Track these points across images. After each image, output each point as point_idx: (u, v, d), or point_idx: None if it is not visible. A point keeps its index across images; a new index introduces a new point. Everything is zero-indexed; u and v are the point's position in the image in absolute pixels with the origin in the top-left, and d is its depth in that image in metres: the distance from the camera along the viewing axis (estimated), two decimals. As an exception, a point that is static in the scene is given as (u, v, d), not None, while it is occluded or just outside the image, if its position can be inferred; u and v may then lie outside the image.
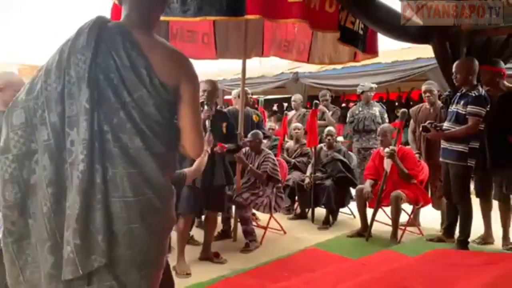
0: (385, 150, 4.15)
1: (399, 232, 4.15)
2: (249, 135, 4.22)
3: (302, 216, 5.05)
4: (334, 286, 2.69)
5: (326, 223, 4.70)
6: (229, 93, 8.74)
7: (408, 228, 4.32)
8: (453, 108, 3.59)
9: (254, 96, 9.71)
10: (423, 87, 4.61)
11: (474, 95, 3.44)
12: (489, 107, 3.46)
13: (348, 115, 5.77)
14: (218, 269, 3.34)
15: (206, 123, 3.15)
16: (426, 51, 5.61)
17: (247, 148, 4.22)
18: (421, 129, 3.89)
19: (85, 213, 1.28)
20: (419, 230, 4.39)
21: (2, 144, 1.33)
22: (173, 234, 3.39)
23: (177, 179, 2.25)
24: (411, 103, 8.51)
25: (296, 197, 5.07)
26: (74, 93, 1.31)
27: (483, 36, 3.71)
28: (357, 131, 5.53)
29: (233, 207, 4.17)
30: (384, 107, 5.77)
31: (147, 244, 1.36)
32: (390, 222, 4.18)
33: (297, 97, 6.40)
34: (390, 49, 7.17)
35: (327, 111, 6.02)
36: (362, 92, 5.59)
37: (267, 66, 10.49)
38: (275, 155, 4.72)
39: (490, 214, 3.99)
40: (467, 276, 2.69)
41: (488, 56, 3.74)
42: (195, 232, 4.07)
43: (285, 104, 12.24)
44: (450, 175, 3.62)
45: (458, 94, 3.59)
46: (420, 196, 4.20)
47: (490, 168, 3.77)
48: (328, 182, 4.66)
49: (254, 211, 4.44)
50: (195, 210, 3.48)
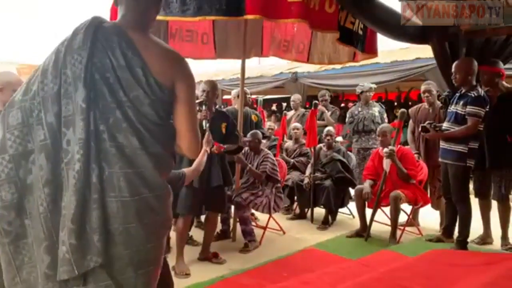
0: (384, 150, 4.14)
1: (398, 232, 4.15)
2: (248, 135, 4.22)
3: (301, 216, 5.05)
4: (333, 286, 2.69)
5: (325, 223, 4.70)
6: (228, 93, 8.75)
7: (407, 228, 4.32)
8: (452, 109, 3.59)
9: (253, 96, 9.72)
10: (422, 87, 4.61)
11: (474, 96, 3.44)
12: (488, 108, 3.47)
13: (348, 115, 5.76)
14: (217, 269, 3.34)
15: (203, 123, 3.14)
16: (425, 51, 5.61)
17: (246, 148, 4.21)
18: (420, 129, 3.89)
19: (81, 213, 1.27)
20: (418, 230, 4.39)
21: None
22: (172, 234, 3.39)
23: (177, 179, 2.24)
24: (410, 103, 8.53)
25: (295, 197, 5.07)
26: (71, 93, 1.31)
27: (482, 37, 3.71)
28: (357, 131, 5.52)
29: (232, 207, 4.16)
30: (384, 107, 5.76)
31: (144, 244, 1.36)
32: (389, 222, 4.18)
33: (296, 97, 6.40)
34: (389, 49, 7.17)
35: (326, 111, 6.02)
36: (361, 92, 5.58)
37: (266, 66, 10.50)
38: (274, 155, 4.72)
39: (489, 214, 3.99)
40: (466, 276, 2.70)
41: (487, 57, 3.75)
42: (194, 232, 4.07)
43: (284, 104, 12.25)
44: (449, 175, 3.62)
45: (457, 95, 3.59)
46: (419, 196, 4.20)
47: (489, 168, 3.77)
48: (327, 182, 4.65)
49: (253, 211, 4.44)
50: (194, 210, 3.48)
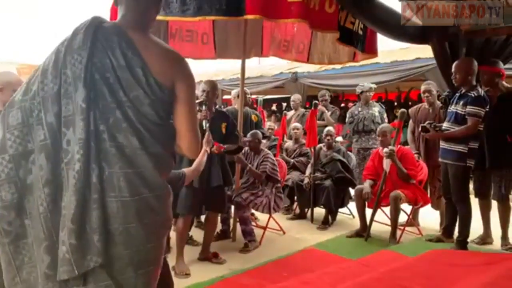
0: (384, 150, 4.14)
1: (398, 232, 4.15)
2: (248, 135, 4.22)
3: (301, 216, 5.05)
4: (333, 286, 2.69)
5: (325, 223, 4.70)
6: (228, 93, 8.74)
7: (407, 228, 4.32)
8: (452, 109, 3.59)
9: (253, 96, 9.72)
10: (422, 87, 4.61)
11: (474, 96, 3.44)
12: (488, 108, 3.47)
13: (348, 116, 5.75)
14: (217, 269, 3.34)
15: (203, 123, 3.13)
16: (425, 51, 5.61)
17: (246, 148, 4.21)
18: (420, 129, 3.89)
19: (81, 213, 1.27)
20: (418, 230, 4.39)
21: None
22: (172, 234, 3.39)
23: (177, 179, 2.24)
24: (410, 103, 8.53)
25: (295, 197, 5.07)
26: (71, 93, 1.31)
27: (482, 37, 3.71)
28: (357, 132, 5.51)
29: (232, 207, 4.16)
30: (384, 107, 5.76)
31: (144, 244, 1.36)
32: (389, 222, 4.18)
33: (296, 97, 6.40)
34: (389, 49, 7.17)
35: (326, 111, 6.02)
36: (361, 92, 5.58)
37: (266, 66, 10.50)
38: (274, 155, 4.72)
39: (489, 214, 3.99)
40: (466, 276, 2.69)
41: (487, 57, 3.75)
42: (194, 232, 4.07)
43: (284, 104, 12.26)
44: (449, 175, 3.62)
45: (457, 95, 3.59)
46: (419, 196, 4.20)
47: (489, 168, 3.77)
48: (327, 182, 4.65)
49: (253, 211, 4.44)
50: (194, 210, 3.48)
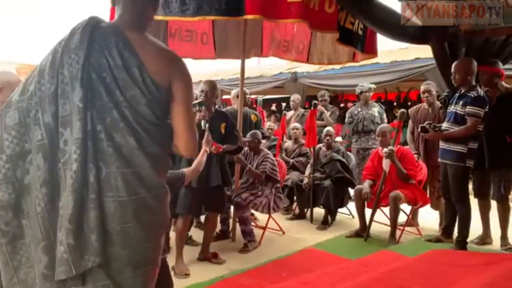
0: (384, 150, 4.14)
1: (398, 233, 4.15)
2: (248, 135, 4.22)
3: (301, 216, 5.05)
4: (333, 287, 2.69)
5: (325, 223, 4.70)
6: (228, 93, 8.75)
7: (407, 229, 4.32)
8: (452, 109, 3.59)
9: (253, 96, 9.72)
10: (422, 88, 4.61)
11: (473, 96, 3.44)
12: (488, 108, 3.47)
13: (347, 116, 5.75)
14: (217, 270, 3.34)
15: (202, 124, 3.13)
16: (425, 51, 5.62)
17: (246, 148, 4.21)
18: (420, 130, 3.89)
19: (79, 213, 1.27)
20: (418, 231, 4.39)
21: None
22: (172, 235, 3.39)
23: (176, 179, 2.23)
24: (409, 103, 8.53)
25: (295, 197, 5.07)
26: (68, 93, 1.31)
27: (482, 37, 3.71)
28: (356, 132, 5.51)
29: (232, 207, 4.16)
30: (383, 107, 5.77)
31: (142, 244, 1.36)
32: (389, 223, 4.18)
33: (296, 97, 6.40)
34: (389, 49, 7.18)
35: (326, 111, 6.02)
36: (361, 93, 5.58)
37: (266, 66, 10.49)
38: (274, 155, 4.72)
39: (489, 215, 3.99)
40: (466, 277, 2.70)
41: (487, 57, 3.75)
42: (194, 233, 4.07)
43: (284, 104, 12.26)
44: (449, 176, 3.62)
45: (457, 95, 3.59)
46: (419, 197, 4.20)
47: (488, 169, 3.77)
48: (327, 182, 4.66)
49: (253, 211, 4.44)
50: (193, 210, 3.47)
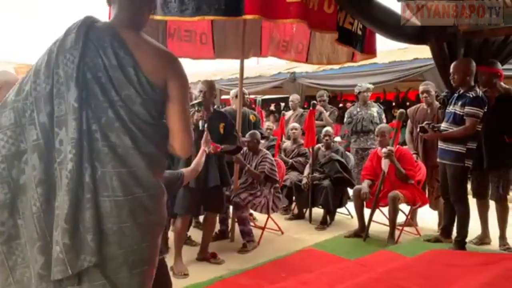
0: (383, 151, 4.14)
1: (397, 233, 4.15)
2: (247, 135, 4.22)
3: (300, 217, 5.05)
4: (332, 287, 2.69)
5: (324, 224, 4.70)
6: (227, 93, 8.74)
7: (406, 229, 4.32)
8: (451, 109, 3.59)
9: (251, 96, 9.71)
10: (421, 88, 4.61)
11: (472, 96, 3.45)
12: (486, 108, 3.47)
13: (346, 116, 5.76)
14: (216, 270, 3.34)
15: (200, 124, 3.13)
16: (424, 52, 5.63)
17: (245, 148, 4.21)
18: (419, 130, 3.90)
19: (74, 213, 1.27)
20: (417, 231, 4.39)
21: None
22: (171, 235, 3.39)
23: (175, 179, 2.23)
24: (408, 104, 8.54)
25: (294, 198, 5.06)
26: (63, 93, 1.31)
27: (481, 37, 3.72)
28: (355, 132, 5.52)
29: (231, 208, 4.16)
30: (382, 107, 5.77)
31: (139, 243, 1.36)
32: (388, 223, 4.18)
33: (295, 97, 6.40)
34: (388, 50, 7.19)
35: (325, 111, 6.03)
36: (359, 93, 5.59)
37: (265, 66, 10.50)
38: (273, 155, 4.71)
39: (487, 215, 3.99)
40: (464, 277, 2.70)
41: (485, 57, 3.76)
42: (193, 233, 4.06)
43: (283, 104, 12.26)
44: (447, 176, 3.63)
45: (456, 95, 3.59)
46: (418, 197, 4.21)
47: (487, 169, 3.77)
48: (326, 183, 4.66)
49: (252, 212, 4.44)
50: (192, 211, 3.47)
